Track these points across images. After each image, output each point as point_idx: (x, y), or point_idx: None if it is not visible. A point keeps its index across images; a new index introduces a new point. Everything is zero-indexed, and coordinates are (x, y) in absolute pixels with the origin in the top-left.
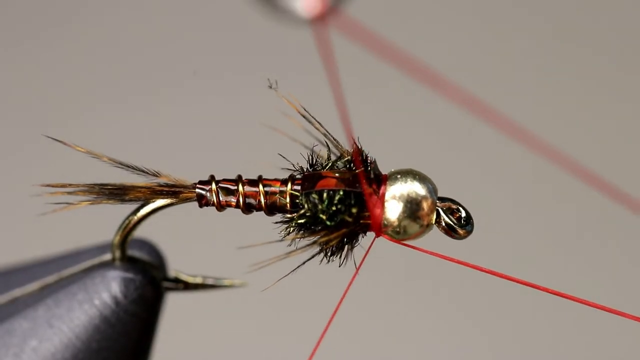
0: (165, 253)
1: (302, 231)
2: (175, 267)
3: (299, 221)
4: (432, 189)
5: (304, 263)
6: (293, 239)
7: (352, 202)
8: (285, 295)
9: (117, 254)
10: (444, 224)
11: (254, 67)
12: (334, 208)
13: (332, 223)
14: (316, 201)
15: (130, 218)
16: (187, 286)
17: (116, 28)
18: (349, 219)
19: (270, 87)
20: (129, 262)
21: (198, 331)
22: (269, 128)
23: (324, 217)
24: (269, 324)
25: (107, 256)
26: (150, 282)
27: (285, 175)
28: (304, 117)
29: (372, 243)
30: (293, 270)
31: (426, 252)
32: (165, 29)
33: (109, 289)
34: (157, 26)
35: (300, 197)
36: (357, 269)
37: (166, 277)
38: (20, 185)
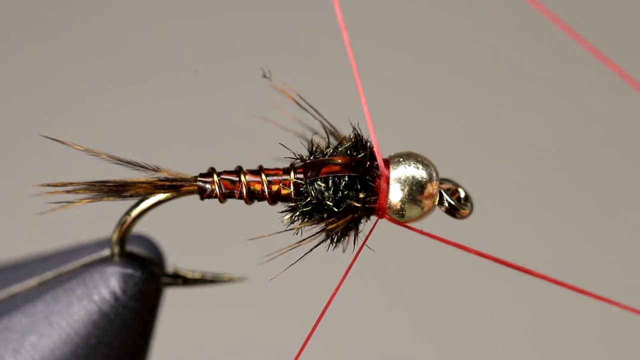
0: (164, 248)
1: (306, 219)
2: (174, 263)
3: (304, 209)
4: (434, 172)
5: (311, 250)
6: (298, 228)
7: (358, 186)
8: (283, 289)
9: (116, 249)
10: (446, 205)
11: (247, 57)
12: (340, 194)
13: (339, 209)
14: (322, 188)
15: (129, 214)
16: (186, 281)
17: (107, 24)
18: (357, 204)
19: (264, 76)
20: (127, 258)
21: (197, 326)
22: (264, 120)
23: (330, 204)
24: (269, 317)
25: (106, 252)
26: (149, 277)
27: (284, 164)
28: (299, 105)
29: (374, 225)
30: (301, 258)
31: (427, 235)
32: (158, 23)
33: (108, 284)
34: (150, 20)
35: (305, 185)
36: (359, 250)
37: (165, 273)
38: (19, 182)
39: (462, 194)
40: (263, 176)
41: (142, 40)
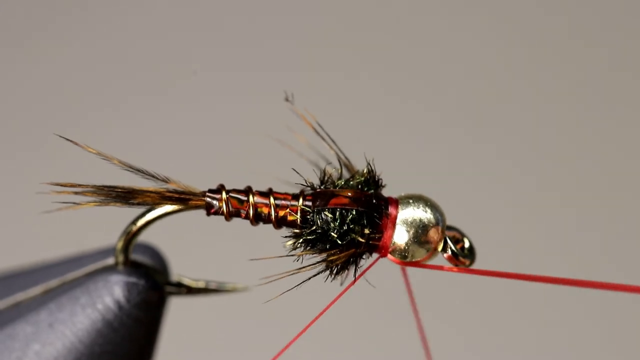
0: (168, 257)
1: (309, 247)
2: (178, 272)
3: (308, 237)
4: (441, 218)
5: (309, 279)
6: (300, 255)
7: (365, 222)
8: (288, 301)
9: (121, 258)
10: (449, 253)
11: (270, 78)
12: (345, 227)
13: (342, 242)
14: (329, 219)
15: (135, 223)
16: (190, 291)
17: (134, 31)
18: (361, 240)
19: (287, 99)
20: (132, 267)
21: (201, 336)
22: (280, 142)
23: (335, 236)
24: (271, 328)
25: (111, 260)
26: (153, 286)
27: (294, 190)
28: (317, 133)
29: (374, 262)
30: (297, 285)
31: (429, 267)
32: (184, 35)
33: (112, 293)
34: (175, 32)
35: (312, 214)
36: (354, 281)
37: (169, 282)
38: (26, 186)
39: (467, 244)
40: (271, 199)
41: (164, 51)
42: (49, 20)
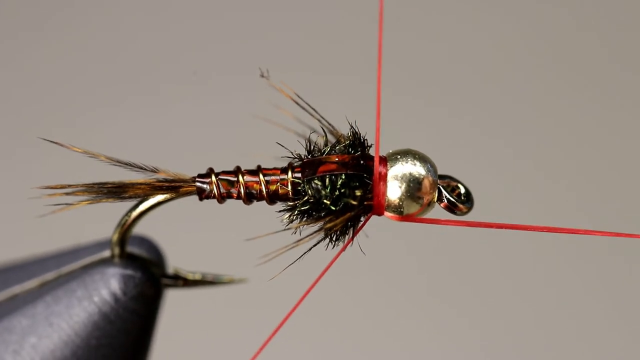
0: (165, 249)
1: (305, 218)
2: (175, 264)
3: (302, 208)
4: (432, 168)
5: (309, 249)
6: (297, 227)
7: (355, 185)
8: (287, 288)
9: (116, 250)
10: (445, 201)
11: (244, 58)
12: (337, 192)
13: (336, 207)
14: (319, 187)
15: (128, 215)
16: (187, 283)
17: (108, 27)
18: (353, 202)
19: (262, 76)
20: (128, 259)
21: (197, 328)
22: (262, 119)
23: (327, 202)
24: (269, 319)
25: (107, 253)
26: (149, 279)
27: (283, 164)
28: (297, 104)
29: (367, 219)
30: (299, 257)
31: (427, 221)
32: (155, 24)
33: (108, 285)
34: (147, 22)
35: (302, 184)
36: (350, 240)
37: (165, 274)
38: (19, 184)
39: (463, 190)
40: (261, 176)
41: (139, 41)
42: (23, 18)
